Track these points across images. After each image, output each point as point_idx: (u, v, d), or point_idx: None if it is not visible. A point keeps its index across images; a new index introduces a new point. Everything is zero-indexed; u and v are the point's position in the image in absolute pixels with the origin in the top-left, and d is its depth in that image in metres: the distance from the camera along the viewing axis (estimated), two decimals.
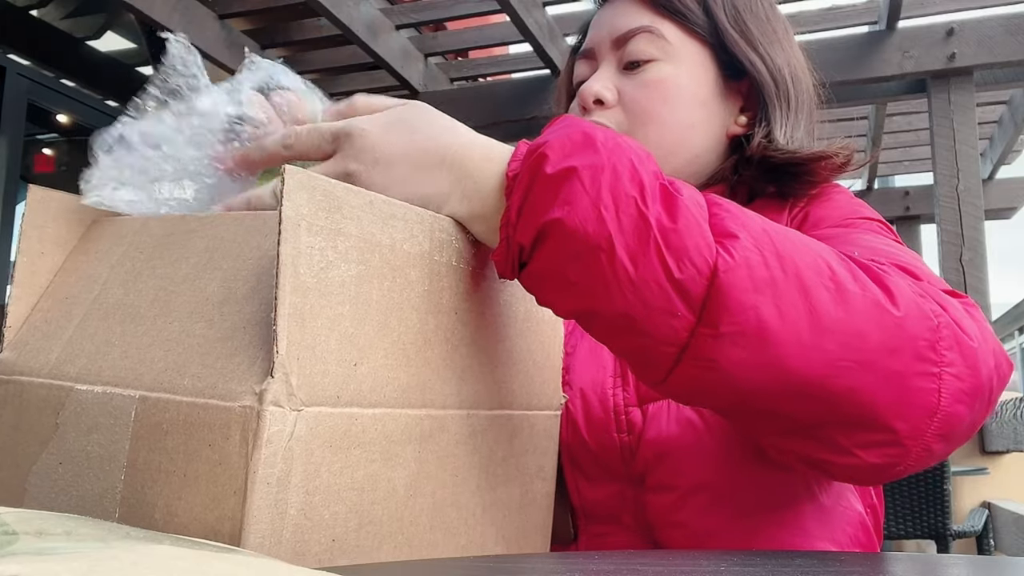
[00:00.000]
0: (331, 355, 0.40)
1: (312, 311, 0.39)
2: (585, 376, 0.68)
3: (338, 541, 0.40)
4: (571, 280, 0.45)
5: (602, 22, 0.78)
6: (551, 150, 0.44)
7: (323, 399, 0.39)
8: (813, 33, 3.38)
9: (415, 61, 3.78)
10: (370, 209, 0.43)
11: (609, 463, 0.65)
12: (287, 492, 0.38)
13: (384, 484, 0.42)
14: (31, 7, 3.60)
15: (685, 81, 0.74)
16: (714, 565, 0.43)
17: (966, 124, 3.16)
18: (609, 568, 0.42)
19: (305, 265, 0.39)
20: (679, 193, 0.45)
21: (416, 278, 0.45)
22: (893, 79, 3.34)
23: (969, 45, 3.16)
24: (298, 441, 0.38)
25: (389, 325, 0.43)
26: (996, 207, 5.38)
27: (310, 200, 0.40)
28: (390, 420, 0.43)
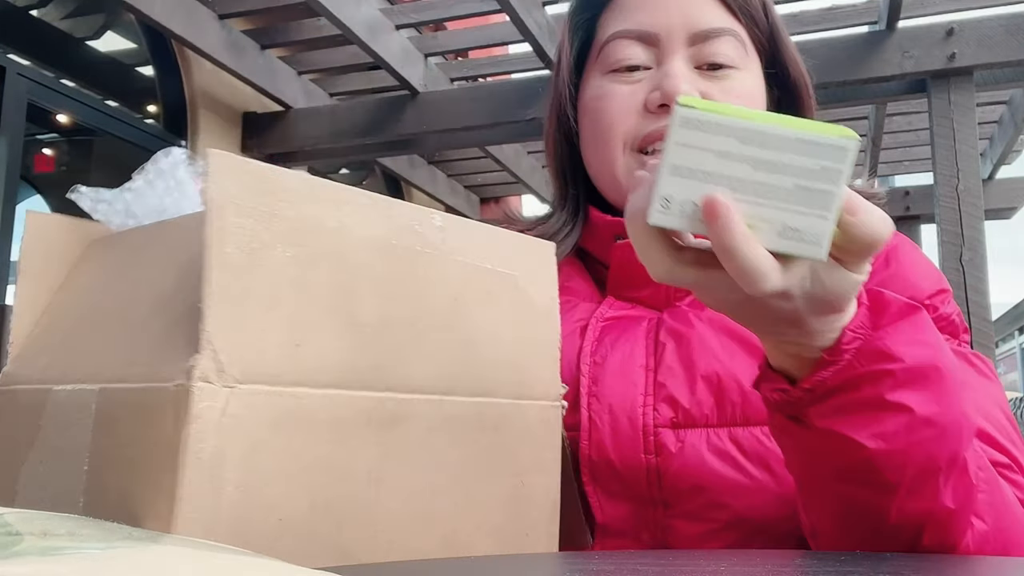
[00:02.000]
0: (268, 334, 0.40)
1: (244, 290, 0.40)
2: (615, 390, 0.66)
3: (286, 521, 0.40)
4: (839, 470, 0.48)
5: (668, 6, 0.71)
6: (900, 370, 0.45)
7: (261, 377, 0.40)
8: (813, 33, 3.38)
9: (415, 61, 3.78)
10: (312, 194, 0.43)
11: (633, 483, 0.63)
12: (222, 469, 0.38)
13: (340, 467, 0.42)
14: (31, 7, 3.60)
15: (758, 94, 0.73)
16: (714, 565, 0.43)
17: (966, 124, 3.16)
18: (609, 568, 0.42)
19: (234, 245, 0.40)
20: (972, 470, 0.49)
21: (371, 262, 0.45)
22: (893, 79, 3.34)
23: (969, 45, 3.16)
24: (232, 418, 0.38)
25: (338, 307, 0.43)
26: (996, 207, 5.37)
27: (238, 183, 0.40)
28: (343, 402, 0.43)
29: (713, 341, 0.65)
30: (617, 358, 0.67)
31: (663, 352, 0.66)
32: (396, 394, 0.46)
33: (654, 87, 0.70)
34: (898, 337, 0.46)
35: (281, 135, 4.02)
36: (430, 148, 4.69)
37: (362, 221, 0.45)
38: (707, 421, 0.63)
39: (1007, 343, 13.44)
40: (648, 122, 0.70)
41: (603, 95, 0.72)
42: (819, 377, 0.46)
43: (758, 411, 0.62)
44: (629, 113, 0.71)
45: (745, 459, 0.61)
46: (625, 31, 0.72)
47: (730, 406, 0.63)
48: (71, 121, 3.62)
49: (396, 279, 0.47)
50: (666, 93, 0.68)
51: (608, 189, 0.74)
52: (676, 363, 0.65)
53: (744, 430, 0.62)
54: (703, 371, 0.64)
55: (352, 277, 0.44)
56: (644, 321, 0.69)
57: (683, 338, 0.66)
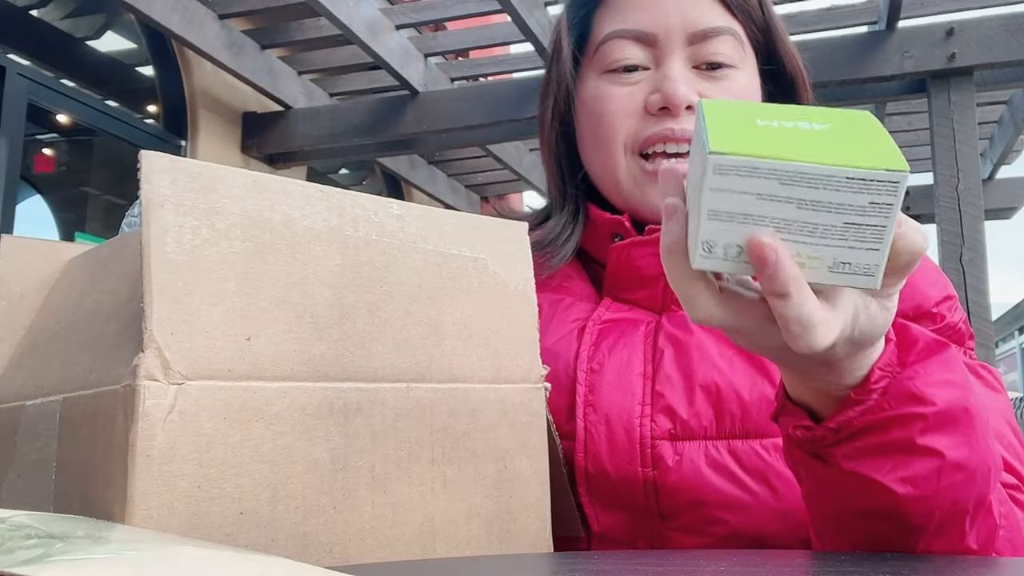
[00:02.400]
0: (216, 329, 0.41)
1: (187, 288, 0.40)
2: (611, 400, 0.64)
3: (247, 514, 0.41)
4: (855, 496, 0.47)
5: (666, 5, 0.70)
6: (931, 413, 0.44)
7: (210, 373, 0.40)
8: (813, 33, 3.38)
9: (415, 61, 3.78)
10: (254, 188, 0.44)
11: (630, 496, 0.62)
12: (173, 464, 0.38)
13: (303, 457, 0.43)
14: (31, 7, 3.60)
15: (754, 92, 0.72)
16: (714, 565, 0.43)
17: (966, 124, 3.16)
18: (609, 568, 0.42)
19: (174, 244, 0.40)
20: (995, 510, 0.49)
21: (324, 253, 0.46)
22: (893, 79, 3.34)
23: (969, 45, 3.16)
24: (181, 414, 0.39)
25: (290, 300, 0.44)
26: (996, 207, 5.37)
27: (174, 182, 0.41)
28: (302, 393, 0.43)
29: (712, 350, 0.64)
30: (614, 365, 0.66)
31: (661, 359, 0.65)
32: (358, 383, 0.46)
33: (653, 89, 0.69)
34: (928, 377, 0.45)
35: (281, 135, 4.02)
36: (430, 148, 4.70)
37: (311, 213, 0.46)
38: (706, 433, 0.62)
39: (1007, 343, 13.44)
40: (648, 124, 0.69)
41: (601, 96, 0.71)
42: (845, 416, 0.45)
43: (757, 424, 0.61)
44: (629, 116, 0.70)
45: (744, 473, 0.60)
46: (622, 31, 0.71)
47: (729, 418, 0.62)
48: (71, 121, 3.62)
49: (352, 269, 0.47)
50: (666, 96, 0.67)
51: (609, 191, 0.73)
52: (675, 372, 0.64)
53: (743, 443, 0.61)
54: (702, 381, 0.63)
55: (304, 269, 0.45)
56: (642, 325, 0.68)
57: (682, 345, 0.65)
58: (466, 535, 0.50)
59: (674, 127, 0.68)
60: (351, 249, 0.47)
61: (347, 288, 0.46)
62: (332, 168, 5.45)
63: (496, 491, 0.52)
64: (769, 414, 0.61)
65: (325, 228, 0.46)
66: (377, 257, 0.48)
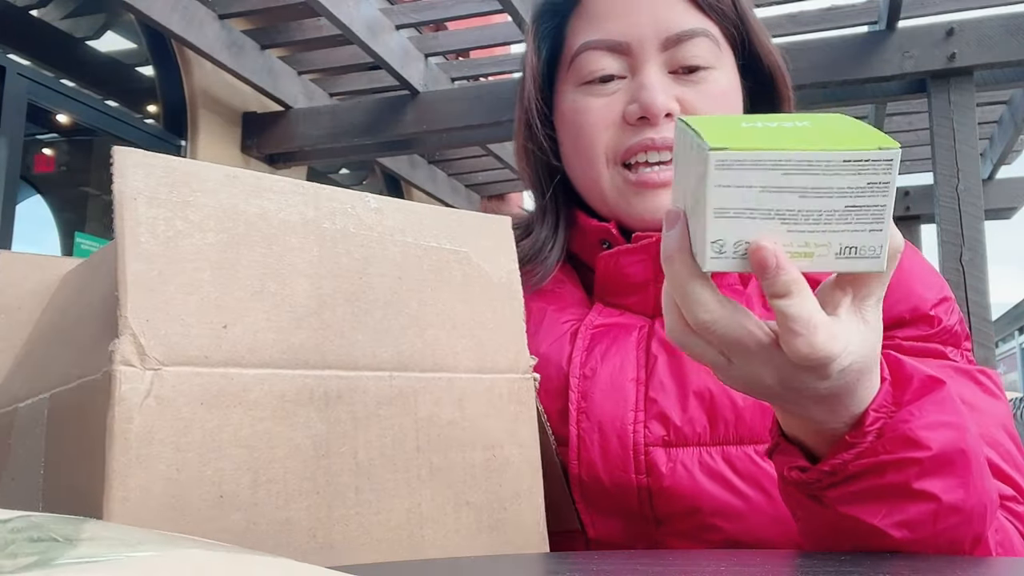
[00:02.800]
0: (191, 317, 0.42)
1: (162, 277, 0.41)
2: (604, 408, 0.64)
3: (227, 497, 0.42)
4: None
5: (638, 12, 0.69)
6: (927, 458, 0.44)
7: (187, 359, 0.41)
8: (813, 33, 3.38)
9: (415, 61, 3.78)
10: (228, 182, 0.45)
11: (624, 503, 0.62)
12: (151, 448, 0.39)
13: (283, 443, 0.44)
14: (31, 7, 3.60)
15: (734, 91, 0.71)
16: (714, 565, 0.43)
17: (966, 124, 3.16)
18: (609, 568, 0.42)
19: (147, 235, 0.41)
20: (992, 543, 0.48)
21: (300, 244, 0.47)
22: (893, 79, 3.34)
23: (969, 45, 3.16)
24: (158, 399, 0.40)
25: (267, 289, 0.45)
26: (996, 207, 5.37)
27: (148, 176, 0.42)
28: (281, 380, 0.44)
29: None
30: (607, 371, 0.66)
31: (654, 365, 0.65)
32: (339, 371, 0.47)
33: (631, 99, 0.68)
34: (923, 419, 0.44)
35: (281, 135, 4.02)
36: (430, 148, 4.70)
37: (287, 207, 0.47)
38: (700, 439, 0.62)
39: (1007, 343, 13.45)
40: (628, 135, 0.69)
41: (579, 109, 0.71)
42: (840, 459, 0.44)
43: (751, 429, 0.61)
44: (608, 127, 0.69)
45: (738, 479, 0.60)
46: (595, 41, 0.70)
47: (723, 424, 0.62)
48: (71, 121, 3.62)
49: (330, 260, 0.48)
50: (644, 106, 0.67)
51: (594, 201, 0.73)
52: (668, 378, 0.64)
53: (737, 448, 0.61)
54: (695, 387, 0.63)
55: (280, 260, 0.46)
56: (635, 330, 0.68)
57: (675, 352, 0.64)
58: (455, 523, 0.50)
59: (654, 136, 0.67)
60: (328, 241, 0.48)
61: (325, 279, 0.47)
62: (332, 168, 5.45)
63: (485, 480, 0.52)
64: (762, 419, 0.61)
65: (301, 220, 0.47)
66: (355, 249, 0.49)
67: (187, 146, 3.86)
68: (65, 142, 4.04)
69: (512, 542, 0.53)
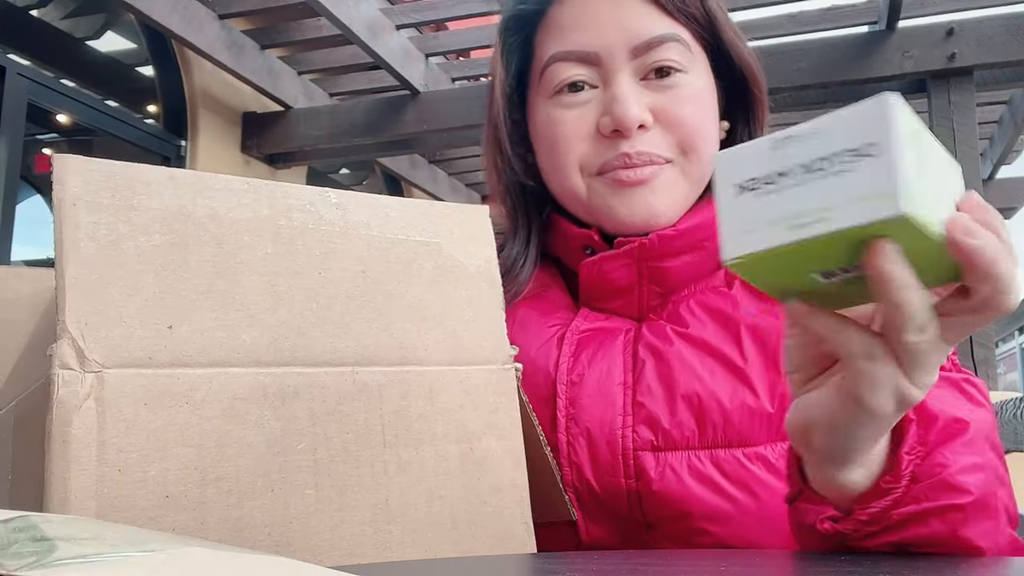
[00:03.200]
0: (133, 319, 0.42)
1: (102, 280, 0.42)
2: (592, 413, 0.64)
3: (174, 497, 0.42)
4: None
5: (605, 21, 0.68)
6: (968, 504, 0.44)
7: (130, 361, 0.42)
8: (813, 33, 3.38)
9: (416, 61, 3.78)
10: (172, 184, 0.46)
11: (615, 507, 0.62)
12: (90, 450, 0.40)
13: (235, 441, 0.44)
14: (31, 7, 3.60)
15: (708, 93, 0.71)
16: (714, 565, 0.43)
17: (966, 124, 3.16)
18: (609, 568, 0.42)
19: (87, 239, 0.42)
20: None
21: (252, 242, 0.47)
22: (893, 79, 3.34)
23: (969, 45, 3.16)
24: (99, 401, 0.41)
25: (216, 288, 0.45)
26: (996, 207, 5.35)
27: (88, 182, 0.43)
28: (231, 379, 0.45)
29: (693, 359, 0.64)
30: (595, 376, 0.65)
31: (642, 369, 0.65)
32: (296, 368, 0.47)
33: (603, 111, 0.68)
34: (960, 463, 0.44)
35: (281, 135, 4.02)
36: (431, 147, 4.70)
37: (238, 205, 0.47)
38: (688, 444, 0.62)
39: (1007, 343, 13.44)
40: (603, 148, 0.68)
41: (552, 122, 0.70)
42: (879, 507, 0.43)
43: (740, 432, 0.61)
44: (582, 139, 0.69)
45: (727, 483, 0.60)
46: (563, 53, 0.69)
47: (711, 428, 0.61)
48: (71, 121, 3.62)
49: (286, 256, 0.48)
50: (616, 119, 0.66)
51: (576, 211, 0.72)
52: (655, 382, 0.64)
53: (726, 452, 0.61)
54: (683, 391, 0.63)
55: (231, 259, 0.46)
56: (621, 334, 0.68)
57: (662, 355, 0.65)
58: (427, 517, 0.50)
59: (629, 152, 0.66)
60: (284, 238, 0.48)
61: (281, 275, 0.47)
62: (332, 168, 5.45)
63: (461, 473, 0.52)
64: (750, 422, 0.60)
65: (254, 218, 0.47)
66: (315, 245, 0.49)
67: (187, 146, 3.86)
68: (65, 142, 4.04)
69: (493, 536, 0.52)
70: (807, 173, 0.35)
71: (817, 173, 0.35)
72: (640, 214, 0.68)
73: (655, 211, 0.68)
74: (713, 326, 0.65)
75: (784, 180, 0.35)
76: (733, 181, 0.37)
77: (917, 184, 0.34)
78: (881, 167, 0.34)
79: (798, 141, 0.36)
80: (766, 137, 0.36)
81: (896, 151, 0.34)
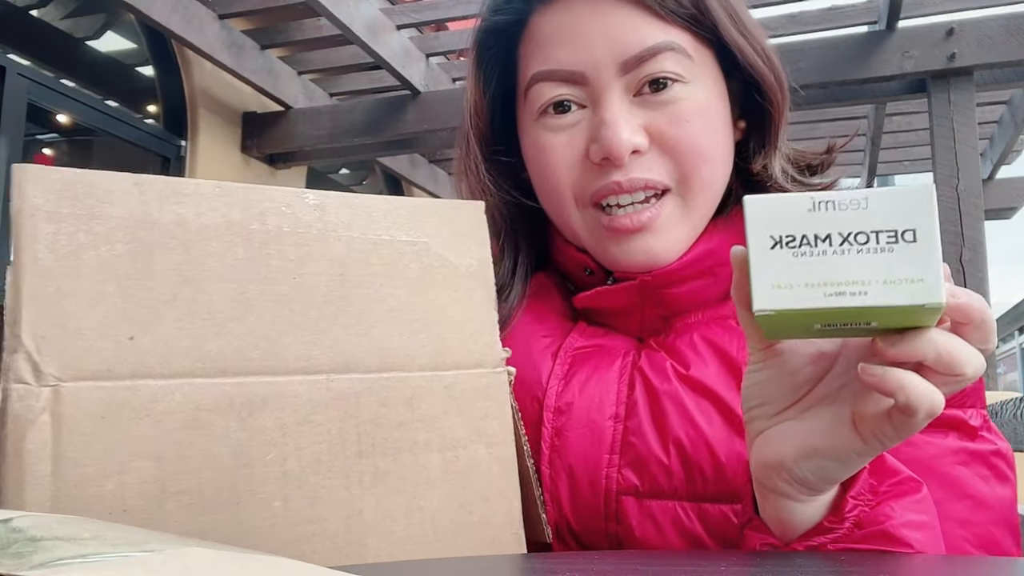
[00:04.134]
0: (92, 331, 0.42)
1: (60, 292, 0.41)
2: (577, 449, 0.60)
3: (132, 511, 0.41)
4: None
5: (590, 35, 0.61)
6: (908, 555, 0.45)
7: (88, 373, 0.41)
8: (813, 33, 3.38)
9: (416, 61, 3.78)
10: (138, 191, 0.44)
11: (594, 546, 0.60)
12: (44, 464, 0.40)
13: (197, 453, 0.43)
14: (31, 7, 3.60)
15: (714, 102, 0.64)
16: (714, 565, 0.43)
17: (966, 124, 3.16)
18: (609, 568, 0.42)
19: (46, 251, 0.41)
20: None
21: (222, 248, 0.46)
22: (893, 79, 3.34)
23: (969, 45, 3.16)
24: (54, 415, 0.40)
25: (181, 297, 0.44)
26: (996, 207, 5.37)
27: (47, 192, 0.42)
28: (195, 390, 0.44)
29: (690, 403, 0.60)
30: (584, 405, 0.62)
31: (635, 406, 0.61)
32: (265, 377, 0.46)
33: (592, 137, 0.62)
34: (904, 517, 0.45)
35: (281, 135, 4.02)
36: (431, 147, 4.69)
37: (208, 211, 0.46)
38: (675, 493, 0.59)
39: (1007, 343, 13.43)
40: (593, 176, 0.63)
41: (540, 147, 0.65)
42: (816, 542, 0.46)
43: (732, 487, 0.58)
44: (571, 168, 0.63)
45: (711, 540, 0.57)
46: (547, 72, 0.62)
47: (700, 479, 0.58)
48: (71, 121, 3.61)
49: (258, 262, 0.47)
50: (605, 148, 0.60)
51: (571, 238, 0.68)
52: (648, 422, 0.60)
53: (714, 507, 0.58)
54: (675, 435, 0.59)
55: (198, 266, 0.45)
56: (619, 358, 0.64)
57: (657, 395, 0.61)
58: (405, 529, 0.48)
59: (620, 180, 0.61)
60: (256, 243, 0.47)
61: (251, 282, 0.46)
62: (332, 168, 5.45)
63: (444, 483, 0.50)
64: (744, 477, 0.57)
65: (224, 223, 0.46)
66: (289, 249, 0.48)
67: (187, 146, 3.86)
68: (65, 142, 4.04)
69: (480, 547, 0.51)
70: (846, 244, 0.38)
71: (856, 246, 0.38)
72: (640, 260, 0.63)
73: (656, 256, 0.63)
74: (716, 366, 0.61)
75: (823, 246, 0.38)
76: (768, 232, 0.39)
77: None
78: (922, 254, 0.37)
79: (839, 210, 0.38)
80: (803, 195, 0.39)
81: (937, 241, 0.38)
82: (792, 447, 0.44)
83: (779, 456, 0.45)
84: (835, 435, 0.43)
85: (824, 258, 0.38)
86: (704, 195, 0.64)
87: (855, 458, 0.43)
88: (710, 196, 0.65)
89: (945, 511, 0.53)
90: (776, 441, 0.45)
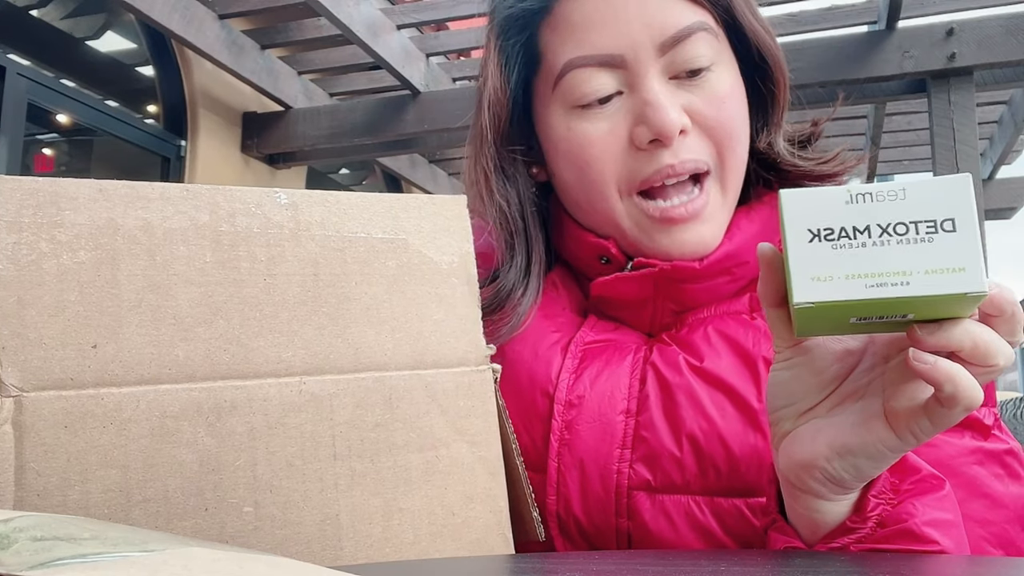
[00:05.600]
0: (54, 340, 0.41)
1: (21, 302, 0.41)
2: (588, 442, 0.60)
3: (100, 521, 0.41)
4: None
5: (626, 17, 0.60)
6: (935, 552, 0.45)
7: (50, 383, 0.41)
8: (813, 33, 3.38)
9: (416, 61, 3.78)
10: (102, 197, 0.44)
11: (603, 543, 0.60)
12: (7, 475, 0.40)
13: (164, 461, 0.43)
14: (31, 7, 3.60)
15: (739, 85, 0.65)
16: (714, 565, 0.43)
17: (966, 124, 3.16)
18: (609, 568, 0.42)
19: (6, 261, 0.41)
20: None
21: (189, 252, 0.45)
22: (893, 79, 3.34)
23: (969, 45, 3.16)
24: (16, 426, 0.40)
25: (146, 303, 0.44)
26: (996, 207, 5.37)
27: (7, 201, 0.42)
28: (161, 396, 0.43)
29: (704, 396, 0.59)
30: (595, 399, 0.61)
31: (647, 400, 0.60)
32: (234, 381, 0.45)
33: (637, 120, 0.61)
34: (928, 515, 0.45)
35: (281, 135, 4.02)
36: (431, 147, 4.69)
37: (174, 214, 0.45)
38: (688, 487, 0.58)
39: None
40: (641, 161, 0.62)
41: (579, 140, 0.63)
42: (840, 543, 0.45)
43: (745, 481, 0.57)
44: (615, 156, 0.62)
45: (725, 535, 0.57)
46: (583, 58, 0.61)
47: (714, 473, 0.58)
48: (71, 121, 3.61)
49: (226, 264, 0.46)
50: (655, 128, 0.60)
51: (603, 231, 0.66)
52: (660, 416, 0.60)
53: (727, 501, 0.57)
54: (688, 429, 0.58)
55: (164, 271, 0.44)
56: (630, 352, 0.63)
57: (670, 388, 0.60)
58: (383, 532, 0.48)
59: (673, 162, 0.61)
60: (225, 245, 0.46)
61: (220, 285, 0.46)
62: (332, 168, 5.45)
63: (425, 484, 0.49)
64: (758, 471, 0.58)
65: (192, 227, 0.46)
66: (259, 250, 0.47)
67: (187, 146, 3.86)
68: (65, 142, 4.04)
69: (464, 548, 0.50)
70: (886, 235, 0.38)
71: (896, 236, 0.38)
72: (691, 248, 0.63)
73: (707, 244, 0.63)
74: (730, 358, 0.61)
75: (862, 237, 0.38)
76: (806, 226, 0.39)
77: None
78: (962, 243, 0.37)
79: (876, 201, 0.38)
80: (839, 188, 0.39)
81: (976, 230, 0.37)
82: (824, 445, 0.44)
83: (811, 455, 0.45)
84: (867, 431, 0.42)
85: (864, 250, 0.38)
86: (736, 177, 0.64)
87: (888, 454, 0.43)
88: (739, 178, 0.65)
89: (965, 511, 0.52)
90: (806, 440, 0.45)
